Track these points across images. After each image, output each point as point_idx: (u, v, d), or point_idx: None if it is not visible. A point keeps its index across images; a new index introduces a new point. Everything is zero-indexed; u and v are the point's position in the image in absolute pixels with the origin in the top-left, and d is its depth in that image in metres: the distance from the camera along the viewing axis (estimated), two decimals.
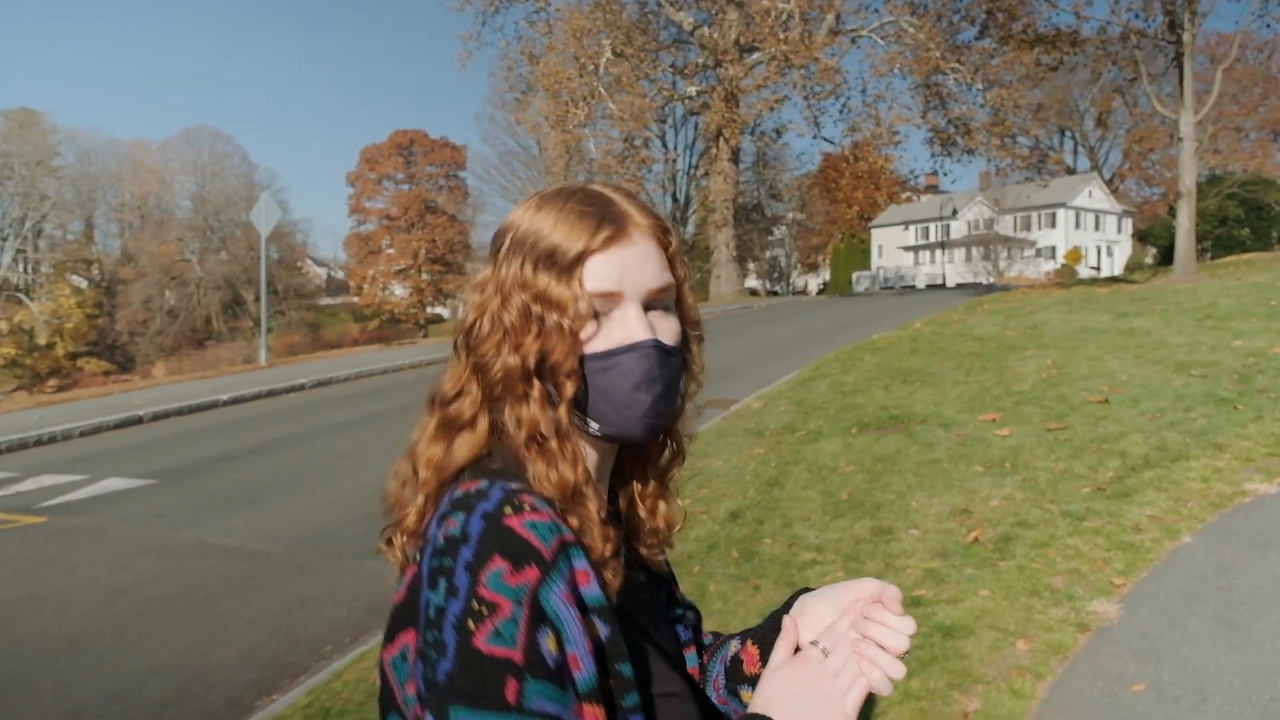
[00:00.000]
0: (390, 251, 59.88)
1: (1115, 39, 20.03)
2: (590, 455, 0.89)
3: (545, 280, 0.83)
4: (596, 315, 0.84)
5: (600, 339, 0.84)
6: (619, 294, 0.84)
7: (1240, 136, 43.22)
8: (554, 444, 0.83)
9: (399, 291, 60.90)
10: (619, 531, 0.85)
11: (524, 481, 0.81)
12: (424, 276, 60.07)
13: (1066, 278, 35.94)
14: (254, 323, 54.96)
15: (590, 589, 0.78)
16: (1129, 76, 21.28)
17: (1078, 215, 52.42)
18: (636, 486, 0.96)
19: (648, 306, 0.86)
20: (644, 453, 0.96)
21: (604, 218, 0.85)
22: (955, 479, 5.47)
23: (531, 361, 0.83)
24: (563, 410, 0.84)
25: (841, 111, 32.08)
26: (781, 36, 27.18)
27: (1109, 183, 54.15)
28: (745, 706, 0.94)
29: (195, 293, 53.68)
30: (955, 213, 51.21)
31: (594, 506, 0.83)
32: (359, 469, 7.70)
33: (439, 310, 70.17)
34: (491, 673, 0.69)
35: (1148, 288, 17.95)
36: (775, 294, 61.57)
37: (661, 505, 0.97)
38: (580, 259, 0.83)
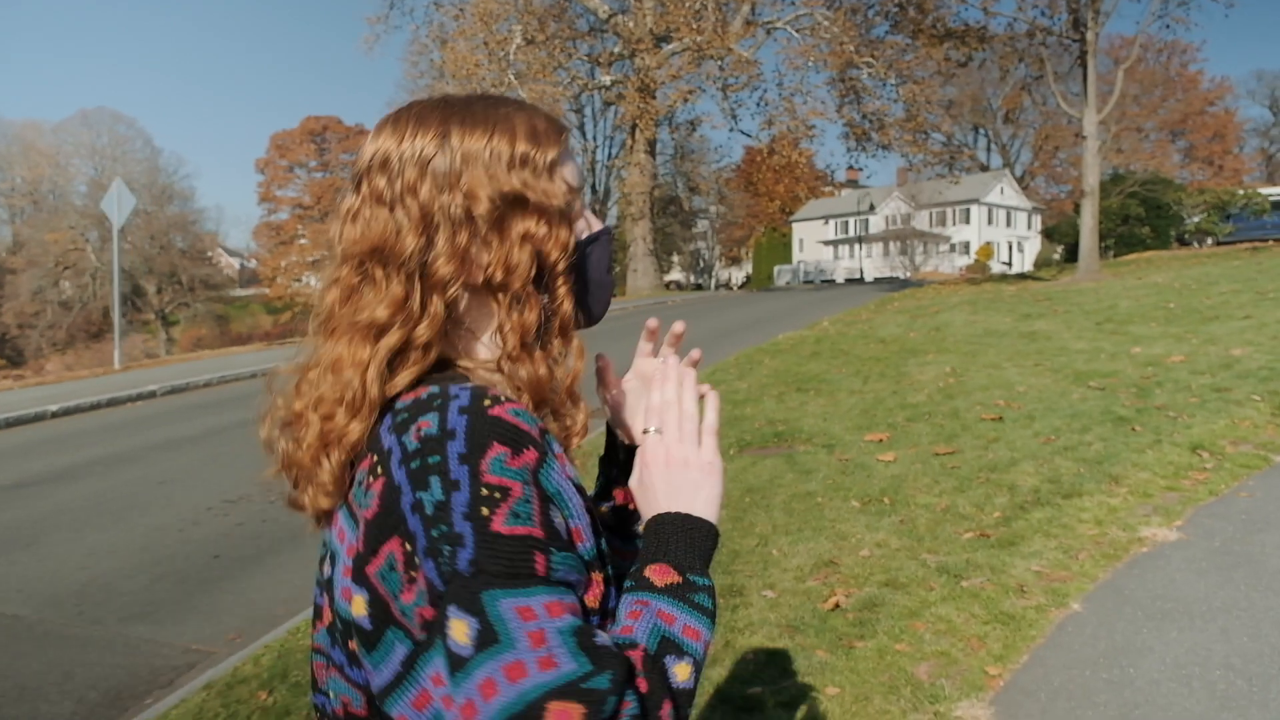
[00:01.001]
0: (304, 242, 57.59)
1: (1022, 35, 19.90)
2: None
3: (525, 175, 0.82)
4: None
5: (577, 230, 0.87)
6: (580, 188, 0.88)
7: (1142, 137, 44.41)
8: (538, 348, 0.83)
9: (314, 283, 58.58)
10: (586, 405, 0.89)
11: (473, 382, 0.80)
12: None
13: (978, 273, 36.29)
14: (156, 315, 52.13)
15: (570, 469, 0.80)
16: (1036, 74, 21.22)
17: (990, 211, 53.30)
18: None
19: None
20: None
21: (557, 122, 0.86)
22: (828, 518, 4.76)
23: (525, 265, 0.81)
24: (568, 305, 0.84)
25: (759, 105, 31.65)
26: (695, 26, 26.49)
27: (1020, 180, 55.21)
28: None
29: (91, 284, 50.59)
30: (872, 208, 51.51)
31: (564, 391, 0.86)
32: (174, 499, 6.66)
33: None
34: (518, 551, 0.70)
35: (1052, 286, 17.81)
36: (699, 287, 61.26)
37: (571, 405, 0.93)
38: (556, 162, 0.84)
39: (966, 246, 50.96)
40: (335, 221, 0.86)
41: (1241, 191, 26.81)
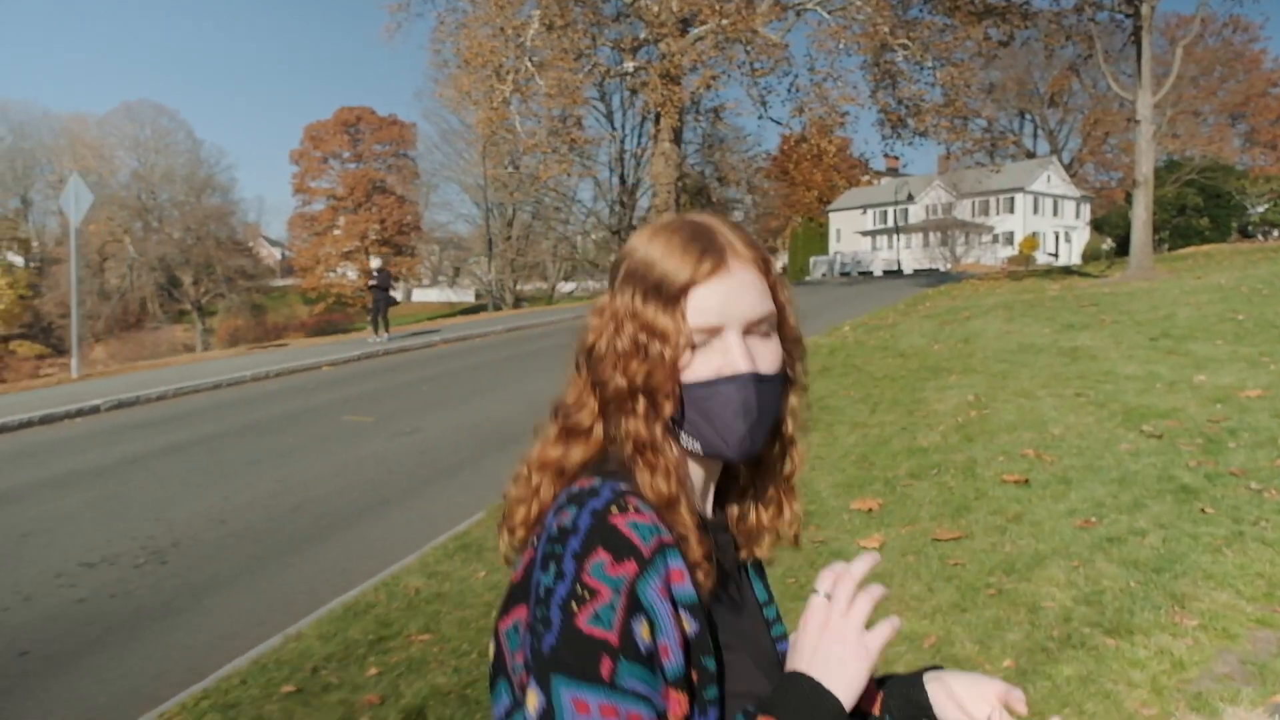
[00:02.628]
0: (338, 233, 57.07)
1: (1070, 11, 18.06)
2: (694, 468, 0.93)
3: (652, 311, 0.87)
4: (694, 346, 0.88)
5: (701, 366, 0.88)
6: (719, 326, 0.88)
7: (1199, 121, 41.69)
8: (651, 455, 0.87)
9: (350, 275, 58.06)
10: (710, 539, 0.89)
11: (633, 485, 0.86)
12: (372, 259, 57.36)
13: (1020, 266, 34.21)
14: (192, 306, 52.06)
15: (683, 587, 0.82)
16: (1084, 54, 19.32)
17: (1036, 200, 50.73)
18: (754, 492, 0.99)
19: (747, 332, 0.89)
20: (762, 462, 0.98)
21: (706, 249, 0.88)
22: None
23: (637, 383, 0.88)
24: (658, 429, 0.88)
25: (790, 91, 29.92)
26: (719, 9, 24.88)
27: (1068, 167, 52.47)
28: None
29: (129, 274, 50.63)
30: (910, 197, 49.30)
31: (686, 514, 0.87)
32: (22, 560, 5.52)
33: (391, 294, 67.47)
34: (589, 650, 0.75)
35: (1100, 286, 16.05)
36: None
37: (785, 509, 0.99)
38: (684, 290, 0.87)
39: (1010, 237, 48.55)
40: None
41: None
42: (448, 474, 7.20)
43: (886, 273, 45.07)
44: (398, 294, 69.09)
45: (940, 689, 0.95)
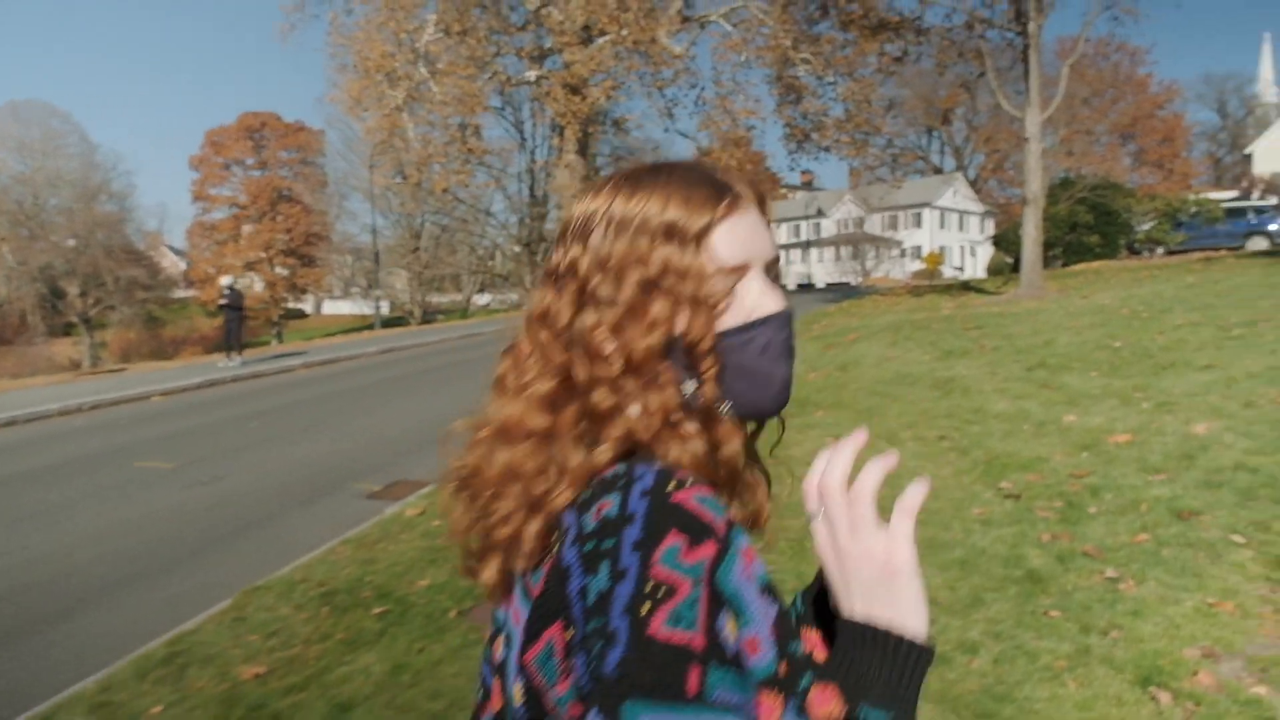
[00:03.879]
0: (242, 243, 54.31)
1: (961, 28, 17.80)
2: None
3: (668, 252, 0.75)
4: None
5: (731, 313, 0.78)
6: (746, 265, 0.78)
7: (1093, 140, 42.76)
8: (689, 425, 0.74)
9: (257, 286, 55.28)
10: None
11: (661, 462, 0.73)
12: (278, 270, 54.78)
13: (924, 280, 34.35)
14: (79, 319, 48.79)
15: (757, 566, 0.69)
16: (977, 72, 19.11)
17: (942, 215, 51.48)
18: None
19: (766, 273, 0.80)
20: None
21: (719, 186, 0.79)
22: None
23: (675, 335, 0.75)
24: (709, 389, 0.76)
25: (696, 103, 29.40)
26: (619, 18, 24.11)
27: (973, 183, 53.43)
28: None
29: (6, 284, 47.19)
30: (820, 212, 49.52)
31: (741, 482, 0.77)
32: None
33: (302, 306, 64.56)
34: (671, 661, 0.60)
35: (991, 304, 15.71)
36: None
37: (760, 488, 0.87)
38: (706, 230, 0.76)
39: (918, 251, 49.12)
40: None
41: (1193, 198, 24.99)
42: (222, 542, 6.06)
43: (800, 286, 45.09)
44: (306, 306, 66.47)
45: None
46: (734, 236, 0.77)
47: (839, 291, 33.42)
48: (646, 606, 0.61)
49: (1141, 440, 5.72)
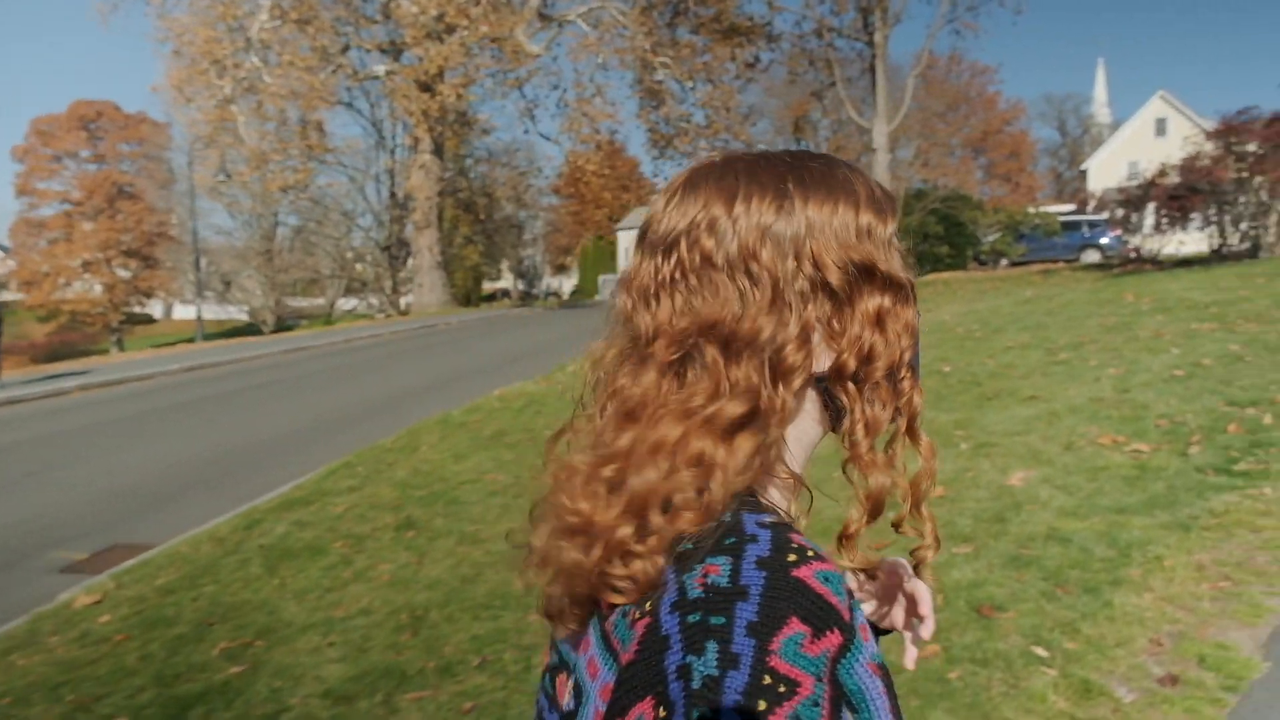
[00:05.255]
0: (74, 242, 49.51)
1: (810, 34, 17.40)
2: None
3: (869, 248, 0.69)
4: None
5: None
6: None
7: (947, 153, 44.12)
8: (892, 451, 0.71)
9: (97, 288, 50.51)
10: None
11: (771, 511, 0.66)
12: (119, 272, 50.25)
13: None
14: None
15: (872, 645, 0.62)
16: (828, 81, 18.77)
17: None
18: None
19: None
20: None
21: (889, 194, 0.73)
22: None
23: (886, 343, 0.69)
24: (918, 398, 0.72)
25: (558, 106, 28.30)
26: (468, 12, 22.72)
27: None
28: None
29: None
30: None
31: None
32: None
33: (148, 310, 59.66)
34: None
35: None
36: (531, 296, 57.49)
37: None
38: (895, 236, 0.72)
39: None
40: (627, 294, 0.72)
41: (1033, 211, 25.73)
42: None
43: None
44: (155, 310, 61.46)
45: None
46: (898, 248, 0.73)
47: None
48: (762, 705, 0.54)
49: (954, 495, 4.97)
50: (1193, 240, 16.88)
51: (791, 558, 0.59)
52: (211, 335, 38.83)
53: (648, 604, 0.62)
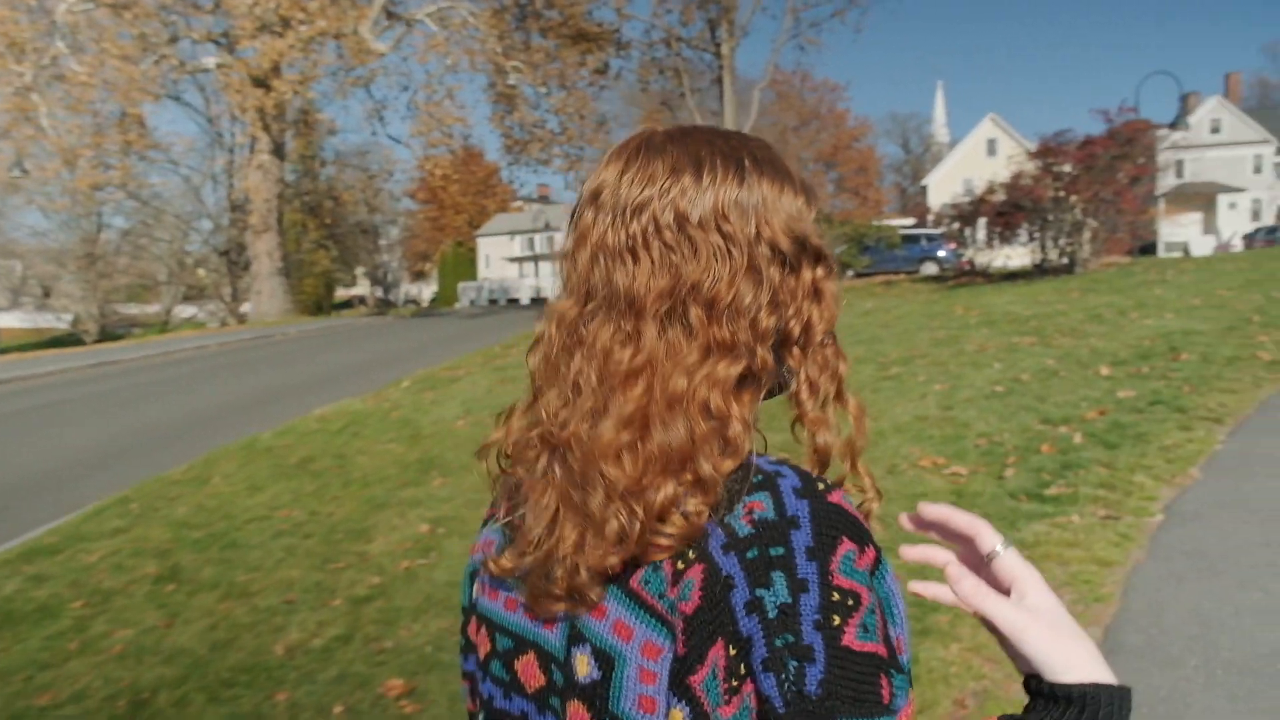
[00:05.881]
0: None
1: (659, 43, 17.23)
2: None
3: (809, 227, 0.73)
4: None
5: None
6: None
7: (802, 166, 45.31)
8: (831, 409, 0.74)
9: None
10: None
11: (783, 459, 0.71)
12: None
13: None
14: None
15: (887, 560, 0.67)
16: (678, 90, 18.67)
17: None
18: None
19: None
20: None
21: (805, 179, 0.77)
22: None
23: (824, 310, 0.73)
24: (844, 365, 0.76)
25: (408, 107, 27.13)
26: (303, 5, 21.35)
27: None
28: None
29: None
30: (548, 225, 48.78)
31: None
32: None
33: None
34: (869, 673, 0.60)
35: None
36: (389, 304, 55.23)
37: None
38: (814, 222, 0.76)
39: None
40: (587, 251, 0.72)
41: (876, 224, 26.69)
42: None
43: (534, 300, 43.94)
44: None
45: None
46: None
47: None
48: (837, 619, 0.59)
49: None
50: (1019, 254, 17.78)
51: (821, 486, 0.64)
52: (26, 346, 35.05)
53: (690, 553, 0.63)
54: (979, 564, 0.74)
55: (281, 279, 27.69)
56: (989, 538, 0.73)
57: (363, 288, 63.64)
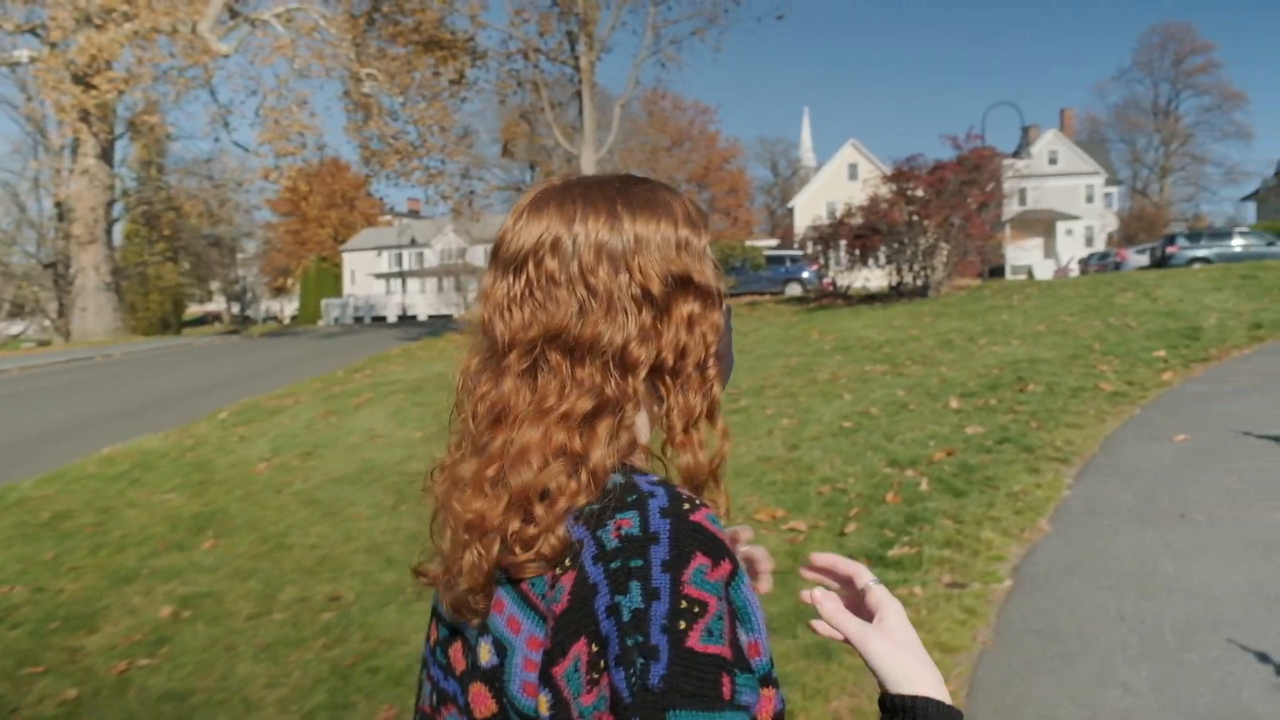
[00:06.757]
0: None
1: (517, 53, 16.45)
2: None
3: (688, 260, 0.78)
4: None
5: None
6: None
7: (675, 186, 45.37)
8: (697, 431, 0.79)
9: None
10: None
11: (652, 473, 0.77)
12: None
13: None
14: None
15: (747, 576, 0.74)
16: (538, 105, 17.92)
17: None
18: None
19: None
20: None
21: (702, 210, 0.84)
22: None
23: (708, 342, 0.78)
24: (718, 388, 0.80)
25: (257, 113, 25.20)
26: None
27: None
28: None
29: None
30: (414, 241, 46.99)
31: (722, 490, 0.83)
32: None
33: None
34: (709, 672, 0.66)
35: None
36: (248, 320, 51.80)
37: None
38: (708, 247, 0.81)
39: None
40: (484, 307, 0.80)
41: (742, 245, 26.70)
42: None
43: (401, 318, 42.08)
44: None
45: None
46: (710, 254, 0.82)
47: (436, 325, 31.07)
48: (683, 624, 0.65)
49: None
50: (877, 276, 17.91)
51: (686, 506, 0.69)
52: None
53: (567, 560, 0.69)
54: (860, 600, 0.80)
55: (111, 294, 25.19)
56: (863, 576, 0.81)
57: (219, 304, 59.66)
